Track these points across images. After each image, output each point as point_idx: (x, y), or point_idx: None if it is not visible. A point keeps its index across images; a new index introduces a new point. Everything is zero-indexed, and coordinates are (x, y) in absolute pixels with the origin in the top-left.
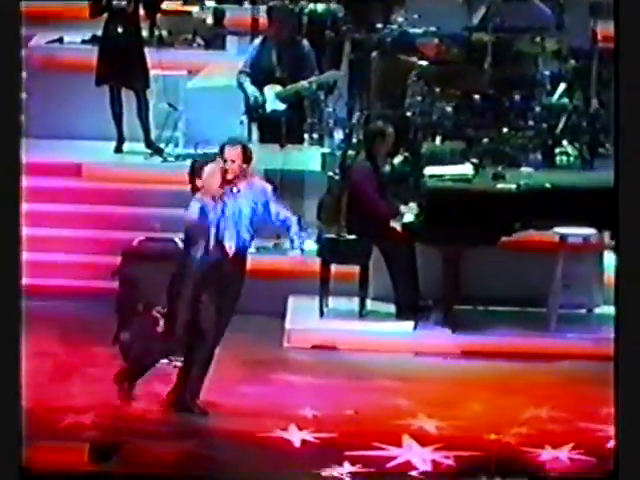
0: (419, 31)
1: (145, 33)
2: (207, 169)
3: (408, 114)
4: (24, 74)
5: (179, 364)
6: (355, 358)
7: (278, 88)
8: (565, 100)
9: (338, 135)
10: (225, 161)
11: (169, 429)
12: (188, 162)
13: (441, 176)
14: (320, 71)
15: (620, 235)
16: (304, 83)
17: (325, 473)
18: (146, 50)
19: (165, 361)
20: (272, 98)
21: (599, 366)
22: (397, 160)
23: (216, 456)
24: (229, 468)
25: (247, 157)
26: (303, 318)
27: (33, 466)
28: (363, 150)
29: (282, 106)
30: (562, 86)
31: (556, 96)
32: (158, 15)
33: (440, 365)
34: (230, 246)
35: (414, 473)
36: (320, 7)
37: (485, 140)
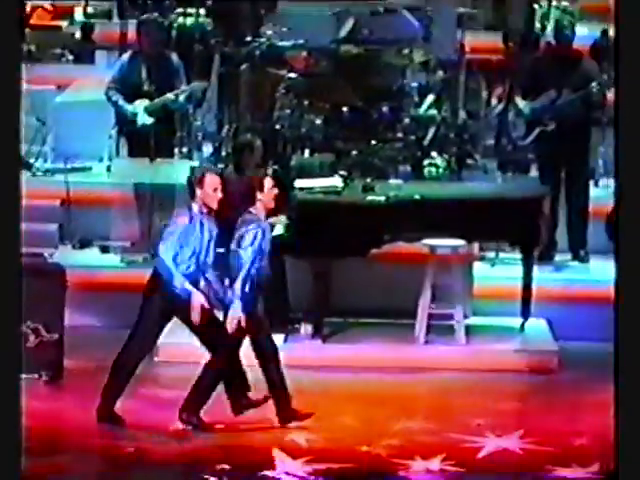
0: (288, 44)
1: None
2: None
3: (277, 127)
4: None
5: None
6: None
7: (147, 102)
8: (433, 111)
9: (207, 149)
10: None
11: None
12: (57, 177)
13: (310, 189)
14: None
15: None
16: (169, 95)
17: None
18: None
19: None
20: (142, 112)
21: (469, 377)
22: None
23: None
24: None
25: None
26: (172, 333)
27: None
28: (232, 163)
29: (151, 120)
30: (430, 97)
31: (424, 107)
32: (27, 30)
33: (311, 377)
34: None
35: None
36: (189, 21)
37: (354, 152)
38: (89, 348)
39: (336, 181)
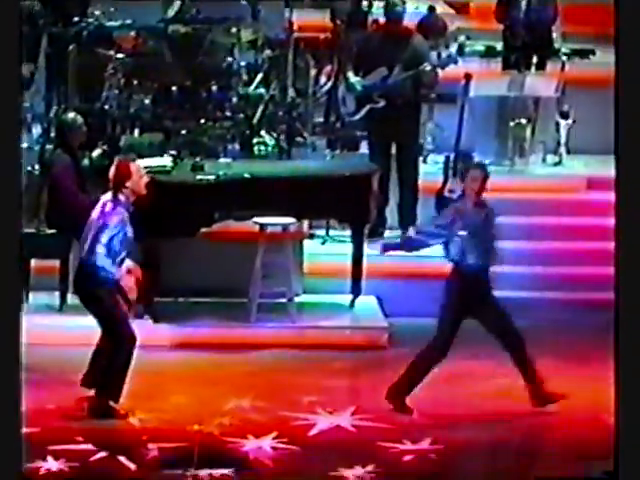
0: (116, 24)
1: None
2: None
3: (106, 107)
4: None
5: None
6: (56, 353)
7: None
8: (262, 90)
9: (36, 130)
10: None
11: None
12: None
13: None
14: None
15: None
16: None
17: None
18: None
19: None
20: None
21: (300, 354)
22: (95, 153)
23: None
24: None
25: None
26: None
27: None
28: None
29: None
30: (259, 76)
31: (253, 86)
32: None
33: (141, 357)
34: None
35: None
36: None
37: (183, 132)
38: None
39: (165, 161)
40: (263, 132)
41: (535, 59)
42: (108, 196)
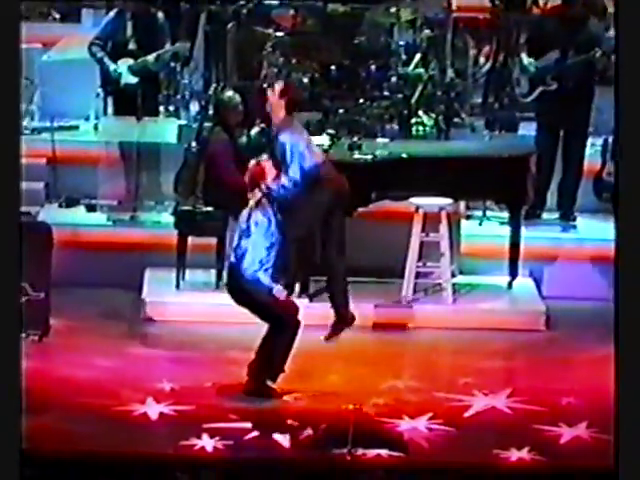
0: (275, 2)
1: None
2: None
3: (264, 85)
4: None
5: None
6: (212, 330)
7: (131, 61)
8: (420, 70)
9: (194, 107)
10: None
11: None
12: (44, 135)
13: None
14: (173, 44)
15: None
16: (150, 58)
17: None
18: None
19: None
20: (125, 72)
21: (456, 335)
22: (254, 131)
23: (73, 430)
24: (87, 442)
25: None
26: (160, 291)
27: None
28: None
29: (135, 79)
30: (417, 56)
31: (411, 66)
32: None
33: (298, 336)
34: None
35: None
36: None
37: (341, 111)
38: (75, 307)
39: (323, 139)
40: (421, 112)
41: None
42: (252, 203)
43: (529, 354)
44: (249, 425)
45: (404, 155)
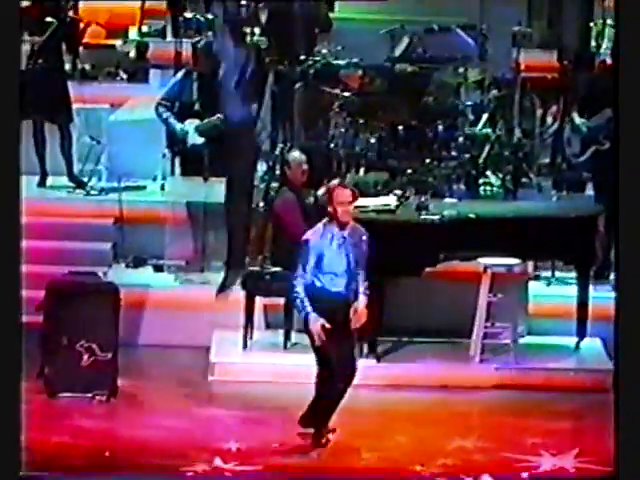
0: (342, 62)
1: (68, 66)
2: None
3: (332, 145)
4: None
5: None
6: (280, 390)
7: (197, 122)
8: (488, 130)
9: (262, 167)
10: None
11: (93, 463)
12: (111, 196)
13: (365, 207)
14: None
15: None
16: (220, 116)
17: None
18: (69, 84)
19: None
20: (192, 132)
21: (524, 396)
22: (320, 192)
23: None
24: None
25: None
26: (227, 351)
27: None
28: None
29: (201, 140)
30: (485, 116)
31: (479, 126)
32: (81, 48)
33: (365, 396)
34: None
35: None
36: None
37: (408, 171)
38: (142, 367)
39: (390, 200)
40: (489, 172)
41: None
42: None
43: (597, 414)
44: None
45: (472, 215)
